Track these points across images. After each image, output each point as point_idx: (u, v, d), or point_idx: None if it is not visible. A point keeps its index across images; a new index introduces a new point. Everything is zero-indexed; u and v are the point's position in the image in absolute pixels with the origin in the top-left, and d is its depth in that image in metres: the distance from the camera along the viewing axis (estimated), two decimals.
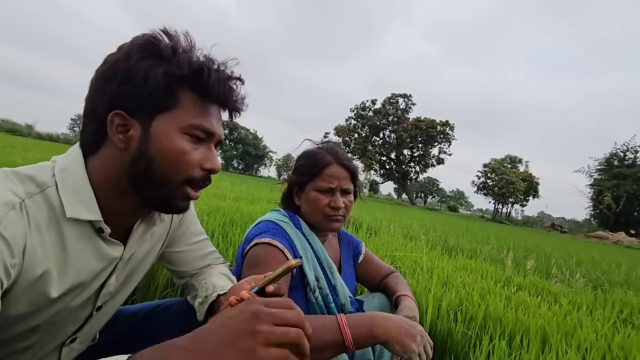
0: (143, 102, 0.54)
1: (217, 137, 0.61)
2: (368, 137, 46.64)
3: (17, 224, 0.47)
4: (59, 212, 0.53)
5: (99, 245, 0.59)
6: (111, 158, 0.57)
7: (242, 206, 3.97)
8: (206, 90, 0.57)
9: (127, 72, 0.54)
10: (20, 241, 0.48)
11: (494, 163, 44.37)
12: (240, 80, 0.61)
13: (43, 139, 29.41)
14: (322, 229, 1.03)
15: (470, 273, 2.72)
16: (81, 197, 0.55)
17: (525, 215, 44.44)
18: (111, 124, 0.55)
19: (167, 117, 0.56)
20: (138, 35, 0.57)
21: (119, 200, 0.59)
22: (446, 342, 1.52)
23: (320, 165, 0.99)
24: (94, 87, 0.56)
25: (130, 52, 0.55)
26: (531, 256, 5.05)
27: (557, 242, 11.38)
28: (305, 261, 0.95)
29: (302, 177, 1.02)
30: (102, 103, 0.55)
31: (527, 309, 1.86)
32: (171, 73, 0.54)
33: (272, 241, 0.89)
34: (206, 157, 0.60)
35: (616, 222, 30.09)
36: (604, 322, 1.85)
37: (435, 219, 12.35)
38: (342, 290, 1.01)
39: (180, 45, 0.57)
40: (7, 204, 0.47)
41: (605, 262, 5.89)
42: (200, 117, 0.57)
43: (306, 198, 1.02)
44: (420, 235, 4.94)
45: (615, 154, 34.04)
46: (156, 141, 0.55)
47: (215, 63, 0.58)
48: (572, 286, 3.15)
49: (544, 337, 1.52)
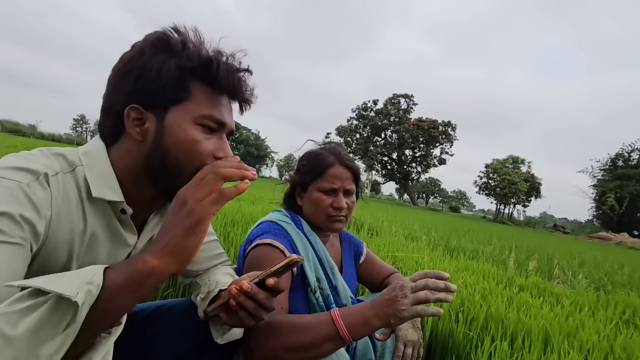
0: (157, 96, 0.57)
1: (228, 127, 0.63)
2: (370, 137, 46.60)
3: (42, 192, 0.51)
4: (83, 191, 0.56)
5: (116, 228, 0.61)
6: (129, 150, 0.60)
7: (243, 206, 3.98)
8: (216, 82, 0.59)
9: (141, 68, 0.56)
10: (46, 208, 0.51)
11: (495, 163, 44.28)
12: (249, 71, 0.63)
13: (46, 139, 29.54)
14: (324, 229, 1.03)
15: (472, 274, 2.71)
16: (105, 180, 0.58)
17: (528, 215, 44.27)
18: (128, 118, 0.57)
19: (180, 109, 0.58)
20: (150, 32, 0.59)
21: (137, 190, 0.61)
22: (448, 343, 1.52)
23: (323, 166, 1.00)
24: (112, 84, 0.59)
25: (143, 49, 0.57)
26: (533, 257, 5.03)
27: (560, 242, 11.34)
28: (307, 261, 0.95)
29: (305, 178, 1.02)
30: (120, 99, 0.58)
31: (529, 310, 1.86)
32: (182, 66, 0.57)
33: (273, 242, 0.89)
34: (218, 147, 0.61)
35: (619, 223, 29.94)
36: (607, 323, 1.85)
37: (436, 219, 12.32)
38: (343, 291, 1.01)
39: (190, 39, 0.59)
40: (34, 173, 0.51)
41: (608, 263, 5.86)
42: (211, 108, 0.59)
43: (309, 198, 1.02)
44: (422, 235, 4.93)
45: (621, 154, 33.92)
46: (170, 133, 0.57)
47: (224, 55, 0.60)
48: (575, 287, 3.14)
49: (546, 338, 1.51)
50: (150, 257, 0.50)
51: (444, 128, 42.96)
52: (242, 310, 0.58)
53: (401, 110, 45.77)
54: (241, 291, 0.56)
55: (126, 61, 0.58)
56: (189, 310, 0.81)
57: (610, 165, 33.95)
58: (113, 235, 0.61)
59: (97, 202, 0.58)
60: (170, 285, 1.62)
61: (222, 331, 0.72)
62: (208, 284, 0.77)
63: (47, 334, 0.40)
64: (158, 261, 0.49)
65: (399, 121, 45.10)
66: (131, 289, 0.48)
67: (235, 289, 0.56)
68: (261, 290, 0.58)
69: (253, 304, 0.58)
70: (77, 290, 0.42)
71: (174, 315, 0.83)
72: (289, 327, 0.72)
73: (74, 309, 0.42)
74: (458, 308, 1.69)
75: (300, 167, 1.05)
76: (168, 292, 1.60)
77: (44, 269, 0.53)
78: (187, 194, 0.52)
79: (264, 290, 0.58)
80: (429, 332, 1.52)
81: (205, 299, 0.74)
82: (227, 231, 2.40)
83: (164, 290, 1.59)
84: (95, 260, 0.60)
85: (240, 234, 2.29)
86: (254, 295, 0.57)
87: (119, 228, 0.61)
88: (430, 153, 45.02)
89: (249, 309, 0.57)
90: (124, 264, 0.49)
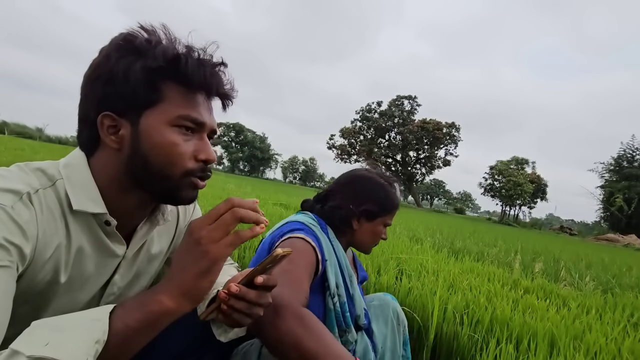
0: (128, 100, 0.54)
1: (208, 126, 0.60)
2: (373, 139, 46.54)
3: (27, 212, 0.49)
4: (65, 204, 0.55)
5: (102, 240, 0.60)
6: (109, 159, 0.57)
7: None
8: (188, 79, 0.56)
9: (109, 73, 0.54)
10: (32, 228, 0.50)
11: (500, 165, 43.99)
12: (223, 64, 0.59)
13: (52, 141, 29.88)
14: (361, 251, 1.13)
15: (476, 276, 2.70)
16: (86, 192, 0.56)
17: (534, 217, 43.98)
18: (102, 126, 0.55)
19: (154, 112, 0.55)
20: (116, 35, 0.56)
21: (123, 199, 0.59)
22: (452, 346, 1.51)
23: (395, 206, 1.09)
24: (83, 92, 0.57)
25: (109, 53, 0.55)
26: (539, 259, 4.99)
27: (566, 244, 11.23)
28: (329, 265, 0.94)
29: (378, 210, 1.05)
30: (92, 107, 0.55)
31: (534, 312, 1.84)
32: (148, 66, 0.54)
33: (305, 237, 0.90)
34: (199, 148, 0.59)
35: (627, 225, 29.55)
36: (614, 326, 1.83)
37: (441, 221, 12.26)
38: (358, 301, 1.00)
39: (157, 38, 0.56)
40: (16, 193, 0.49)
41: (615, 265, 5.80)
42: (187, 108, 0.56)
43: (371, 229, 1.06)
44: (426, 237, 4.91)
45: (623, 154, 33.55)
46: (146, 137, 0.55)
47: (194, 51, 0.57)
48: (582, 289, 3.10)
49: (552, 340, 1.50)
50: (164, 297, 0.49)
51: (448, 129, 42.81)
52: (235, 312, 0.56)
53: (405, 112, 45.70)
54: (230, 294, 0.55)
55: (94, 67, 0.56)
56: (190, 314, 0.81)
57: (616, 167, 33.56)
58: (99, 247, 0.60)
59: (80, 215, 0.56)
60: None
61: (224, 329, 0.71)
62: None
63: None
64: (172, 302, 0.49)
65: (403, 123, 45.03)
66: (145, 332, 0.47)
67: (224, 293, 0.55)
68: (251, 290, 0.56)
69: (245, 304, 0.56)
70: (87, 356, 0.41)
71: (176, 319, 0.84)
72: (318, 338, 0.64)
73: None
74: (463, 310, 1.68)
75: (374, 196, 1.05)
76: None
77: (31, 285, 0.53)
78: (202, 234, 0.50)
79: (254, 289, 0.56)
80: (433, 335, 1.51)
81: (204, 299, 0.74)
82: None
83: None
84: (83, 273, 0.59)
85: None
86: (243, 296, 0.55)
87: (105, 240, 0.60)
88: (434, 154, 44.86)
89: (242, 310, 0.56)
90: (136, 304, 0.48)
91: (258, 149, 70.46)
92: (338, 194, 1.07)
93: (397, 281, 2.03)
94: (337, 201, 1.06)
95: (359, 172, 1.10)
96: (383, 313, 1.13)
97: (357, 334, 0.98)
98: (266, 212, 4.01)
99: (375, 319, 1.11)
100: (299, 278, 0.77)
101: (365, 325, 1.01)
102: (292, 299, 0.67)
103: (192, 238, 0.50)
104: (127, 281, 0.68)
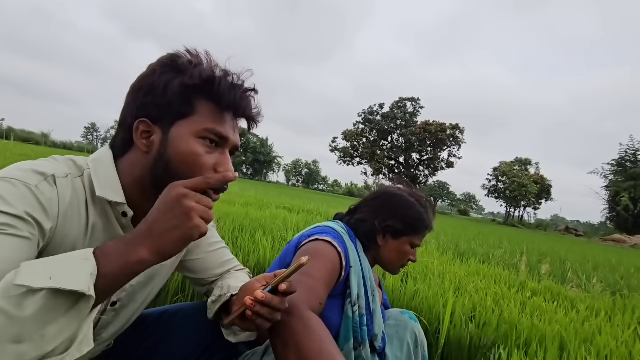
0: (163, 110, 0.61)
1: (231, 142, 0.65)
2: (376, 141, 46.51)
3: (50, 191, 0.54)
4: (89, 194, 0.60)
5: (116, 230, 0.64)
6: (136, 161, 0.63)
7: (251, 212, 3.99)
8: (219, 98, 0.62)
9: (151, 85, 0.61)
10: (54, 207, 0.54)
11: (503, 166, 43.77)
12: (254, 90, 0.66)
13: (58, 147, 30.18)
14: (387, 270, 1.11)
15: (483, 278, 2.68)
16: (110, 184, 0.61)
17: (539, 218, 43.69)
18: (136, 130, 0.61)
19: (184, 123, 0.61)
20: (164, 54, 0.64)
21: (142, 199, 0.64)
22: (461, 349, 1.49)
23: (425, 228, 1.07)
24: (126, 100, 0.64)
25: (155, 68, 0.62)
26: (546, 260, 4.94)
27: (572, 245, 11.13)
28: (353, 273, 0.93)
29: (404, 228, 1.04)
30: (131, 113, 0.62)
31: (543, 315, 1.82)
32: (185, 83, 0.60)
33: (332, 241, 0.90)
34: (219, 162, 0.63)
35: (634, 224, 29.27)
36: (624, 328, 1.80)
37: (445, 223, 12.21)
38: (379, 319, 0.98)
39: (199, 60, 0.63)
40: (43, 175, 0.55)
41: (623, 266, 5.73)
42: (214, 123, 0.62)
43: (397, 247, 1.05)
44: (431, 239, 4.88)
45: (625, 155, 33.30)
46: (173, 144, 0.61)
47: (230, 75, 0.63)
48: (589, 291, 3.07)
49: (562, 343, 1.48)
50: (144, 251, 0.50)
51: (452, 131, 42.70)
52: (258, 317, 0.60)
53: (407, 114, 45.66)
54: (256, 301, 0.58)
55: (140, 79, 0.63)
56: (197, 313, 0.83)
57: (619, 168, 33.31)
58: (112, 237, 0.63)
59: (100, 203, 0.61)
60: (180, 291, 1.62)
61: (232, 330, 0.74)
62: (220, 287, 0.79)
63: (53, 317, 0.43)
64: (151, 257, 0.51)
65: (406, 125, 44.96)
66: (122, 278, 0.50)
67: (250, 299, 0.58)
68: (275, 296, 0.59)
69: (269, 310, 0.59)
70: (88, 285, 0.44)
71: (183, 318, 0.85)
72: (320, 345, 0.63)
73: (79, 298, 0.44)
74: (470, 313, 1.66)
75: (400, 214, 1.04)
76: (177, 297, 1.60)
77: None
78: (191, 204, 0.52)
79: (276, 295, 0.60)
80: (443, 338, 1.49)
81: (217, 302, 0.76)
82: (236, 236, 2.41)
83: (173, 295, 1.59)
84: None
85: (248, 239, 2.29)
86: (269, 302, 0.58)
87: (119, 230, 0.64)
88: (437, 156, 44.74)
89: (265, 316, 0.60)
90: (118, 253, 0.50)
91: (261, 153, 70.73)
92: (365, 208, 1.08)
93: (403, 284, 2.01)
94: (362, 215, 1.06)
95: (389, 189, 1.10)
96: (398, 335, 1.06)
97: (370, 355, 0.93)
98: (270, 214, 4.01)
99: (390, 341, 1.05)
100: (316, 282, 0.77)
101: (380, 349, 0.97)
102: (301, 301, 0.68)
103: (179, 205, 0.52)
104: (139, 280, 0.71)
